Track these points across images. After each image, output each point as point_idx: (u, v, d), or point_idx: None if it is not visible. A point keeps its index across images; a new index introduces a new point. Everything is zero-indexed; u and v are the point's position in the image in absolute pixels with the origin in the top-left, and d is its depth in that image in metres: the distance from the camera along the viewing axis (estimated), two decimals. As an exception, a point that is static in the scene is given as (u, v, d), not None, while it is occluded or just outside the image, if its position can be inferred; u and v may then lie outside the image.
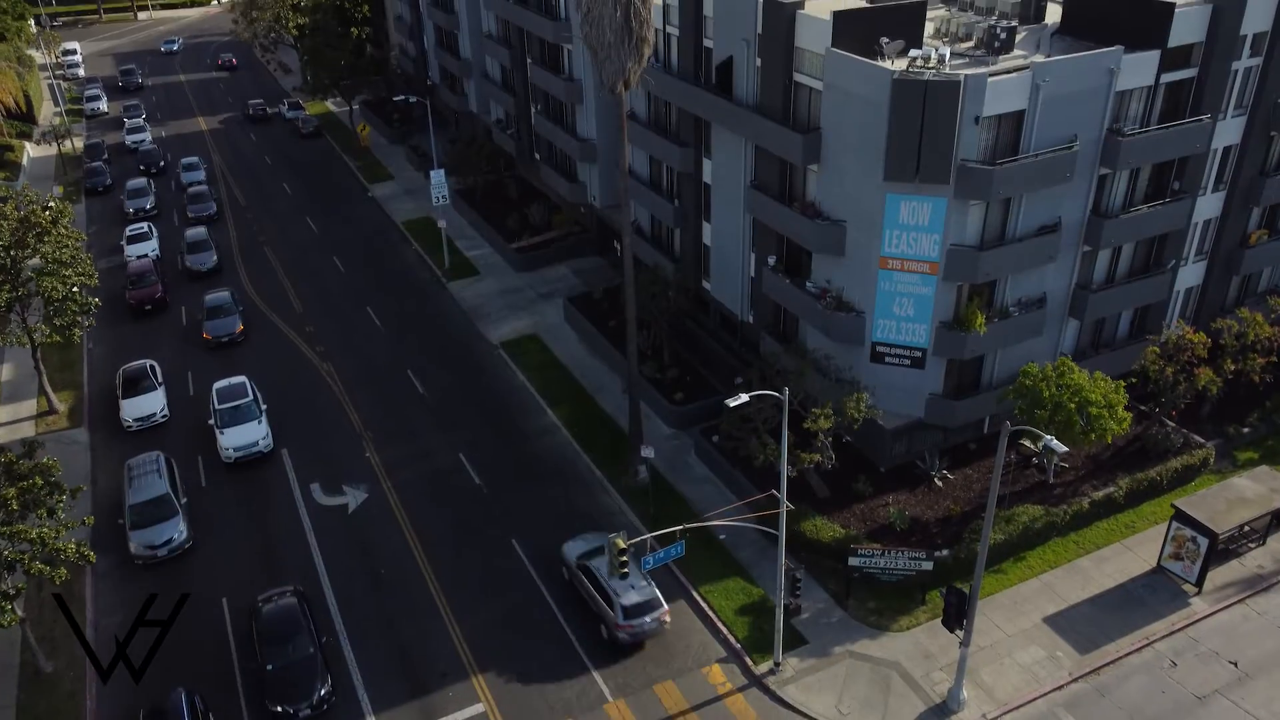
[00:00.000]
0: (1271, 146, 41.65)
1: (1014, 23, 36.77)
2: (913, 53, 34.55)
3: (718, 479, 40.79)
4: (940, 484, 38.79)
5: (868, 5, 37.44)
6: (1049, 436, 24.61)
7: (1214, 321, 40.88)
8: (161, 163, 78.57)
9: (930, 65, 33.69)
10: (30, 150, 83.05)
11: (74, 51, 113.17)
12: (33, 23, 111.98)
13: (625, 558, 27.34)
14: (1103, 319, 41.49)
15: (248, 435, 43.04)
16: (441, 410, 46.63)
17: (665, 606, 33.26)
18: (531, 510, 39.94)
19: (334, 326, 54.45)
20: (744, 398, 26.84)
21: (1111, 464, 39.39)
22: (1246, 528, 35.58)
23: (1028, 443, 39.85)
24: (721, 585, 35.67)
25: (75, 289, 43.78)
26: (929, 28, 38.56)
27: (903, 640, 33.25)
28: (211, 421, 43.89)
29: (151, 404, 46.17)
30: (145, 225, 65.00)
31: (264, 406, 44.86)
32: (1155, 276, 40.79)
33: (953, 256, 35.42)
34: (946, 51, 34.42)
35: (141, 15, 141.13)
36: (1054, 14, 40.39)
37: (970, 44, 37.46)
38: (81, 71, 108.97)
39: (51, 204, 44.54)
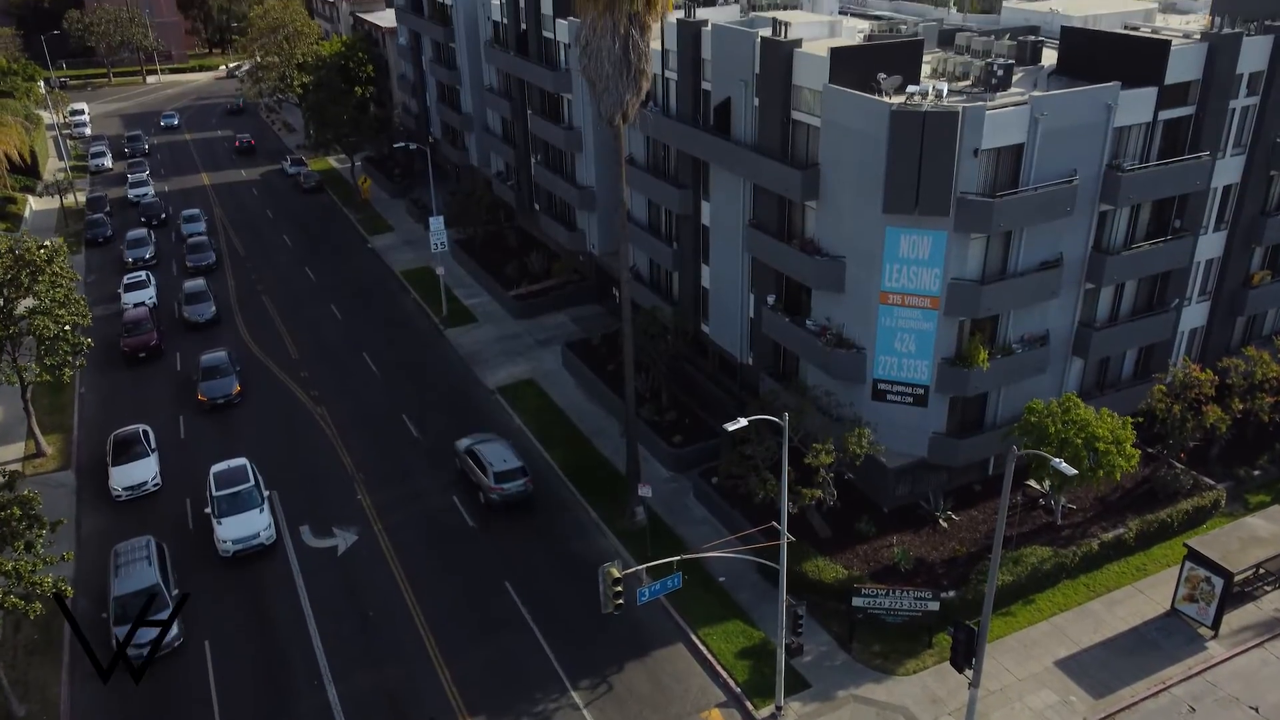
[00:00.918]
0: (1272, 186, 41.60)
1: (1010, 61, 36.96)
2: (910, 89, 34.59)
3: (717, 521, 39.81)
4: (945, 525, 37.82)
5: (865, 44, 37.71)
6: (1058, 460, 23.88)
7: (1220, 361, 40.26)
8: (163, 214, 78.88)
9: (928, 100, 33.68)
10: (33, 203, 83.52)
11: (81, 112, 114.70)
12: (42, 85, 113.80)
13: (620, 588, 26.35)
14: (1107, 358, 40.90)
15: (248, 526, 38.91)
16: (436, 453, 45.79)
17: (529, 477, 41.19)
18: (526, 553, 38.91)
19: (329, 372, 53.88)
20: (742, 422, 26.16)
21: (1120, 506, 38.46)
22: (1261, 569, 34.54)
23: (1034, 483, 39.01)
24: (721, 628, 34.49)
25: (67, 328, 43.27)
26: (925, 69, 38.70)
27: (909, 684, 31.97)
28: (208, 510, 39.78)
29: (143, 472, 43.21)
30: (143, 274, 64.87)
31: (267, 493, 41.05)
32: (1159, 315, 40.32)
33: (954, 291, 34.99)
34: (944, 87, 34.43)
35: (150, 79, 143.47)
36: (1050, 59, 40.55)
37: (967, 83, 37.57)
38: (88, 131, 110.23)
39: (47, 243, 44.30)
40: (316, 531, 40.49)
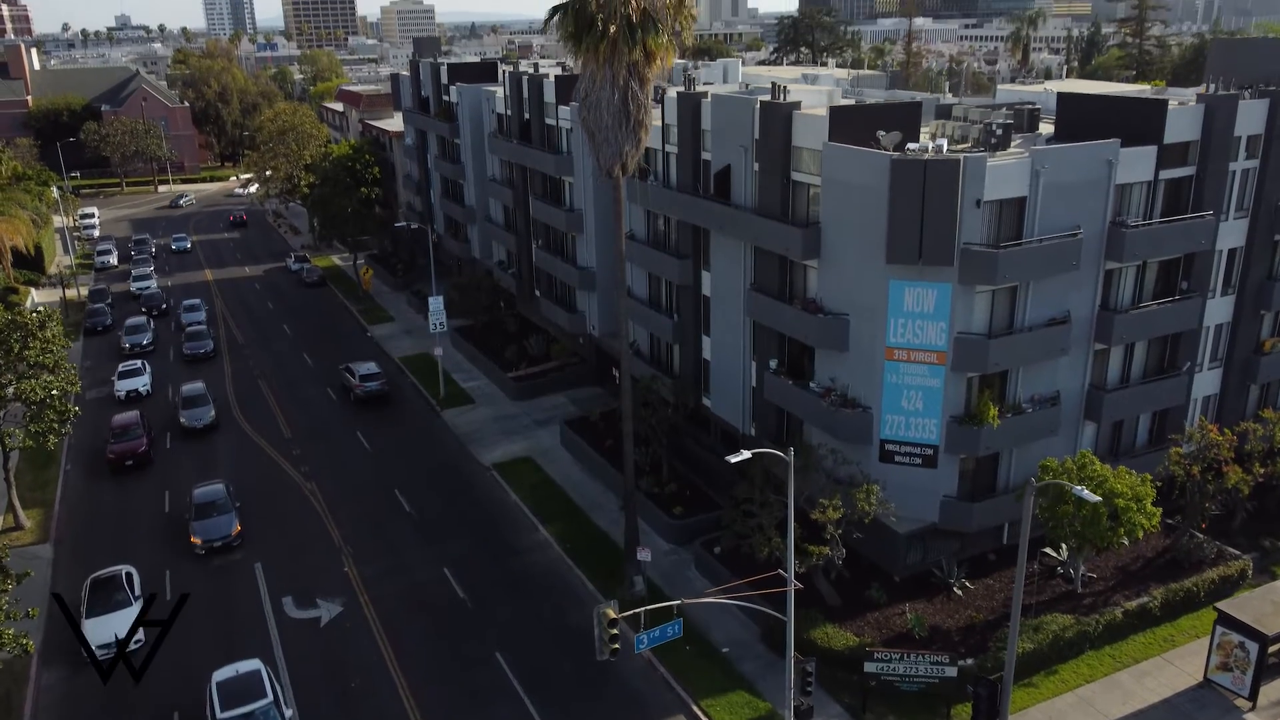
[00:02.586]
0: (1278, 251, 41.22)
1: (1009, 122, 37.10)
2: (909, 145, 34.59)
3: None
4: (960, 593, 36.00)
5: (863, 104, 37.99)
6: (1079, 487, 22.60)
7: (1238, 425, 39.09)
8: (164, 305, 79.03)
9: (928, 154, 33.61)
10: (35, 295, 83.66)
11: (91, 215, 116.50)
12: (55, 190, 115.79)
13: (615, 630, 24.67)
14: (1120, 423, 39.76)
15: None
16: (428, 527, 44.18)
17: (385, 380, 59.07)
18: (519, 625, 36.96)
19: (322, 450, 52.61)
20: (746, 454, 24.98)
21: (1142, 575, 36.75)
22: (1297, 637, 32.55)
23: (1051, 551, 37.36)
24: (725, 699, 32.32)
25: (54, 393, 42.30)
26: (924, 135, 38.83)
27: (928, 757, 29.77)
28: None
29: (123, 625, 35.44)
30: (138, 362, 64.09)
31: (289, 712, 31.62)
32: (1171, 379, 39.36)
33: (961, 346, 34.18)
34: (944, 144, 34.42)
35: (161, 189, 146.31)
36: (1047, 130, 40.84)
37: (966, 144, 37.61)
38: (96, 232, 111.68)
39: (40, 308, 43.83)
40: (299, 603, 38.58)
